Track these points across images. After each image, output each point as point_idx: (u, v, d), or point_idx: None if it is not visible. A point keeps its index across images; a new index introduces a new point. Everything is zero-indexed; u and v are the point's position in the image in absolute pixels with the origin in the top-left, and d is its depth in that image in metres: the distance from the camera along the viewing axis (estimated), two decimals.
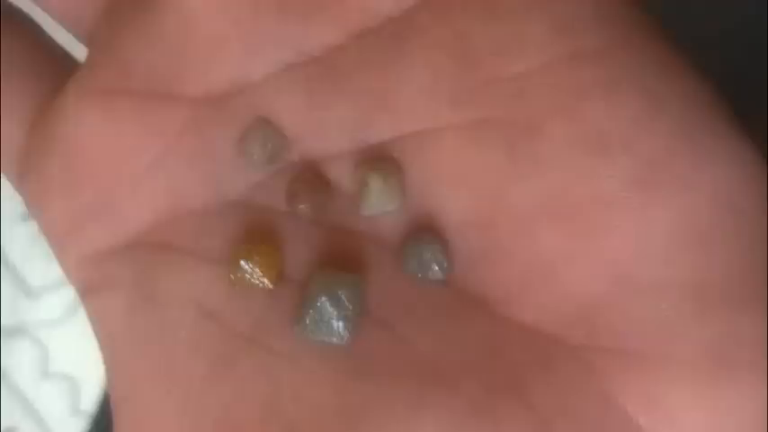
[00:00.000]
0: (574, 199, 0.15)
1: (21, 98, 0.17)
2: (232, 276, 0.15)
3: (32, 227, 0.18)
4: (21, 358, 0.47)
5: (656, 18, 0.16)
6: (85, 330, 0.17)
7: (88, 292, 0.17)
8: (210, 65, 0.16)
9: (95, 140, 0.16)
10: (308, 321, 0.15)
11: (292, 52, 0.16)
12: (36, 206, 0.17)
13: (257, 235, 0.16)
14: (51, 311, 0.47)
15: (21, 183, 0.18)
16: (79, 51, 0.18)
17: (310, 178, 0.16)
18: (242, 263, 0.15)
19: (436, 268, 0.15)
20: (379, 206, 0.16)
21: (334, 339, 0.15)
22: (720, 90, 0.15)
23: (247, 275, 0.15)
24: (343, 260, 0.16)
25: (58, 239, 0.17)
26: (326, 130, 0.16)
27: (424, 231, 0.15)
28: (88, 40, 0.18)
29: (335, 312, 0.15)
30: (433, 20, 0.15)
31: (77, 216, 0.17)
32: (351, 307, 0.15)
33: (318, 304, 0.15)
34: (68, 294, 0.46)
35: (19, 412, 0.48)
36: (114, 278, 0.16)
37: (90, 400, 0.48)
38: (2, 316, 0.46)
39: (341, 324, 0.15)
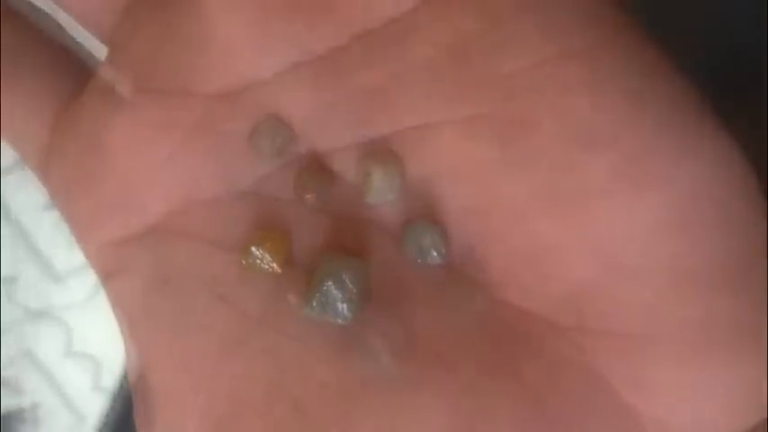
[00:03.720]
0: (563, 190, 0.15)
1: (44, 98, 0.17)
2: (243, 261, 0.15)
3: (57, 214, 0.18)
4: (46, 339, 0.47)
5: (639, 18, 0.16)
6: (107, 312, 0.17)
7: (108, 277, 0.17)
8: (223, 63, 0.16)
9: (115, 135, 0.16)
10: (314, 304, 0.15)
11: (300, 52, 0.16)
12: (59, 198, 0.17)
13: (266, 223, 0.16)
14: (75, 294, 0.47)
15: (45, 176, 0.18)
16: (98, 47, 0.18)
17: (316, 170, 0.16)
18: (252, 249, 0.15)
19: (435, 254, 0.15)
20: (381, 195, 0.16)
21: (339, 320, 0.15)
22: (702, 88, 0.15)
23: (258, 260, 0.15)
24: (347, 245, 0.16)
25: (81, 229, 0.17)
26: (331, 124, 0.16)
27: (424, 218, 0.15)
28: (108, 40, 0.17)
29: (340, 295, 0.15)
30: (432, 21, 0.15)
31: (98, 207, 0.17)
32: (354, 290, 0.15)
33: (324, 287, 0.15)
34: (91, 278, 0.46)
35: (44, 389, 0.48)
36: (132, 263, 0.16)
37: (111, 377, 0.48)
38: (28, 299, 0.46)
39: (345, 306, 0.15)
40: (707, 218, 0.14)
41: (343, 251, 0.16)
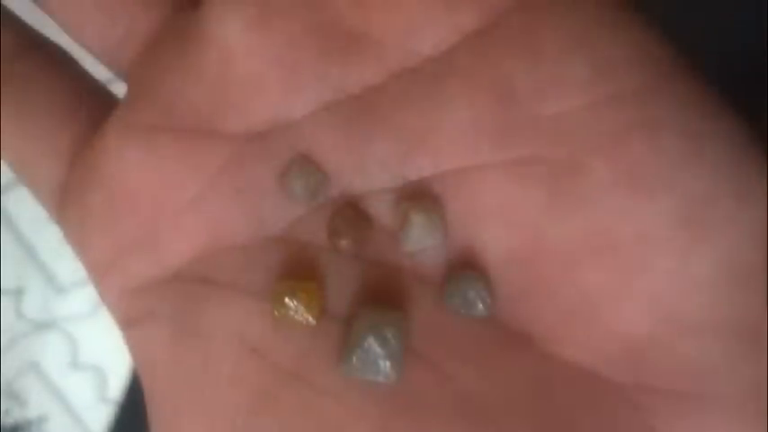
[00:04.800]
0: (617, 237, 0.14)
1: (60, 134, 0.16)
2: (276, 313, 0.14)
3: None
4: (52, 350, 0.46)
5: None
6: (111, 323, 0.16)
7: (130, 325, 0.16)
8: (250, 102, 0.15)
9: (137, 176, 0.15)
10: (354, 360, 0.14)
11: (332, 91, 0.15)
12: (77, 239, 0.16)
13: (299, 270, 0.15)
14: (80, 306, 0.46)
15: (61, 215, 0.17)
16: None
17: (351, 214, 0.15)
18: (286, 300, 0.14)
19: (480, 306, 0.14)
20: (421, 242, 0.15)
21: (381, 378, 0.14)
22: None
23: (291, 312, 0.14)
24: (384, 296, 0.15)
25: (99, 272, 0.16)
26: (366, 166, 0.15)
27: (467, 268, 0.14)
28: (127, 77, 0.16)
29: (382, 352, 0.14)
30: (474, 60, 0.14)
31: (119, 249, 0.16)
32: (396, 345, 0.14)
33: (365, 344, 0.14)
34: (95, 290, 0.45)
35: (50, 401, 0.47)
36: (156, 310, 0.15)
37: (116, 388, 0.47)
38: (34, 311, 0.45)
39: (388, 364, 0.14)
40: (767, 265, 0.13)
41: (381, 302, 0.14)
